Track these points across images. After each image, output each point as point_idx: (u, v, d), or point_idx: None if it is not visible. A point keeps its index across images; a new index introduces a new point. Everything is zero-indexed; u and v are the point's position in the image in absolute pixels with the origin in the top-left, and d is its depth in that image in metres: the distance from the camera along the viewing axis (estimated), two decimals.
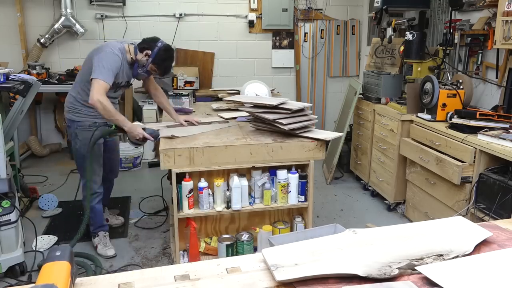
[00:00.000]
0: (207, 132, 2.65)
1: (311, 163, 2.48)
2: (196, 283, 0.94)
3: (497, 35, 2.71)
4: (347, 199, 3.98)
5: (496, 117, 2.77)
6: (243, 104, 2.66)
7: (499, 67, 3.14)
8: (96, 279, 0.96)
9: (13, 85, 2.87)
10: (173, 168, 2.34)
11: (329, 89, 5.70)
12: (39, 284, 0.79)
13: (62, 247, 0.92)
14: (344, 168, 4.62)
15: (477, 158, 2.63)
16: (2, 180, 2.52)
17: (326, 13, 5.42)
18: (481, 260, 1.00)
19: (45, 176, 4.31)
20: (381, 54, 4.34)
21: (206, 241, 2.63)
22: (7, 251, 2.52)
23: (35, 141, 4.91)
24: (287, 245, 1.07)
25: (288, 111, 2.42)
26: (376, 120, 3.86)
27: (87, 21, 4.93)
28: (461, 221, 1.19)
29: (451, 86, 3.13)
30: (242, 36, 5.32)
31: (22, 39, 4.79)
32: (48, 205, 3.48)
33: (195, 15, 5.16)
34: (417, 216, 3.33)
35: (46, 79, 4.57)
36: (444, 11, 3.82)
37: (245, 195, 2.49)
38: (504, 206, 2.40)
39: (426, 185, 3.14)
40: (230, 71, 5.37)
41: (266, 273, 0.97)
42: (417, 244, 1.06)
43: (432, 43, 3.96)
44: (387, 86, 3.86)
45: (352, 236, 1.12)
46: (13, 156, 3.31)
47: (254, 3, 5.20)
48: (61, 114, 5.15)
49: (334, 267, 0.95)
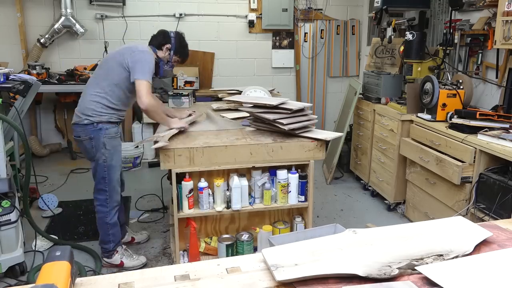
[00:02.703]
0: (207, 132, 2.64)
1: (311, 163, 2.48)
2: (196, 283, 0.94)
3: (497, 35, 2.71)
4: (347, 199, 3.98)
5: (496, 117, 2.77)
6: (242, 104, 2.66)
7: (499, 67, 3.14)
8: (96, 279, 0.96)
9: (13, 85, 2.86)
10: (173, 168, 2.34)
11: (329, 89, 5.70)
12: (39, 284, 0.79)
13: (62, 247, 0.91)
14: (344, 168, 4.62)
15: (477, 158, 2.63)
16: (2, 180, 2.52)
17: (326, 13, 5.42)
18: (481, 260, 1.00)
19: (45, 176, 4.31)
20: (381, 54, 4.34)
21: (206, 241, 2.63)
22: (7, 251, 2.52)
23: (35, 141, 4.91)
24: (287, 245, 1.07)
25: (288, 111, 2.42)
26: (376, 120, 3.86)
27: (87, 21, 4.93)
28: (461, 221, 1.19)
29: (451, 86, 3.13)
30: (242, 36, 5.33)
31: (22, 39, 4.79)
32: (48, 205, 3.48)
33: (195, 15, 5.16)
34: (417, 216, 3.33)
35: (46, 79, 4.57)
36: (444, 11, 3.82)
37: (245, 195, 2.49)
38: (504, 206, 2.40)
39: (426, 185, 3.14)
40: (230, 71, 5.37)
41: (266, 273, 0.97)
42: (417, 244, 1.06)
43: (432, 43, 3.96)
44: (387, 86, 3.86)
45: (352, 236, 1.12)
46: (13, 156, 3.30)
47: (254, 3, 5.21)
48: (61, 114, 5.16)
49: (334, 267, 0.95)
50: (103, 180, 2.62)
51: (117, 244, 2.74)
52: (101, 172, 2.61)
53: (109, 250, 2.72)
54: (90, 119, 2.54)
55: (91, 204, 3.69)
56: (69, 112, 5.13)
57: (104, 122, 2.56)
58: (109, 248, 2.71)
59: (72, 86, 4.54)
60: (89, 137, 2.56)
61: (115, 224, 2.69)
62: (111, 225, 2.67)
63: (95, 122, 2.54)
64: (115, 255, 2.74)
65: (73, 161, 4.91)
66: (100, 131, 2.55)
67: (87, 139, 2.57)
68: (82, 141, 2.59)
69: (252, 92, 3.43)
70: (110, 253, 2.73)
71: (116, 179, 2.66)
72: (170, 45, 2.71)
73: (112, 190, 2.65)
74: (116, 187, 2.68)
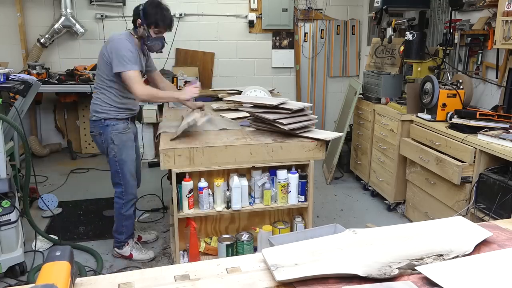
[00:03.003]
0: (207, 132, 2.64)
1: (311, 163, 2.48)
2: (196, 283, 0.94)
3: (497, 35, 2.71)
4: (347, 199, 3.98)
5: (496, 117, 2.77)
6: (242, 104, 2.66)
7: (499, 67, 3.14)
8: (96, 279, 0.96)
9: (13, 85, 2.86)
10: (173, 168, 2.34)
11: (329, 89, 5.70)
12: (39, 284, 0.79)
13: (62, 247, 0.91)
14: (344, 168, 4.62)
15: (477, 158, 2.63)
16: (2, 180, 2.52)
17: (326, 13, 5.42)
18: (481, 260, 1.00)
19: (45, 176, 4.31)
20: (381, 54, 4.34)
21: (206, 241, 2.63)
22: (7, 251, 2.52)
23: (35, 141, 4.92)
24: (287, 245, 1.07)
25: (288, 111, 2.42)
26: (376, 120, 3.86)
27: (87, 21, 4.93)
28: (461, 221, 1.19)
29: (451, 86, 3.13)
30: (242, 36, 5.33)
31: (22, 39, 4.79)
32: (48, 205, 3.48)
33: (195, 15, 5.16)
34: (417, 216, 3.33)
35: (46, 79, 4.56)
36: (444, 11, 3.82)
37: (245, 195, 2.49)
38: (504, 206, 2.40)
39: (426, 185, 3.14)
40: (230, 71, 5.37)
41: (266, 273, 0.97)
42: (417, 244, 1.06)
43: (432, 43, 3.96)
44: (387, 86, 3.86)
45: (352, 236, 1.12)
46: (13, 156, 3.30)
47: (254, 3, 5.21)
48: (61, 114, 5.16)
49: (334, 267, 0.95)
50: (117, 174, 2.71)
51: (129, 237, 2.83)
52: (113, 166, 2.70)
53: (121, 241, 2.82)
54: (97, 115, 2.61)
55: (91, 204, 3.71)
56: (69, 112, 5.13)
57: (111, 118, 2.61)
58: (121, 239, 2.81)
59: (72, 86, 4.54)
60: (99, 132, 2.65)
61: (129, 216, 2.78)
62: (126, 216, 2.76)
63: (102, 118, 2.61)
64: (125, 247, 2.83)
65: (73, 161, 4.91)
66: (107, 127, 2.61)
67: (97, 134, 2.66)
68: (95, 136, 2.69)
69: (252, 92, 3.43)
70: (121, 244, 2.83)
71: (130, 173, 2.73)
72: (140, 19, 2.54)
73: (127, 184, 2.72)
74: (131, 181, 2.74)
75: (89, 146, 5.15)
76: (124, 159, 2.67)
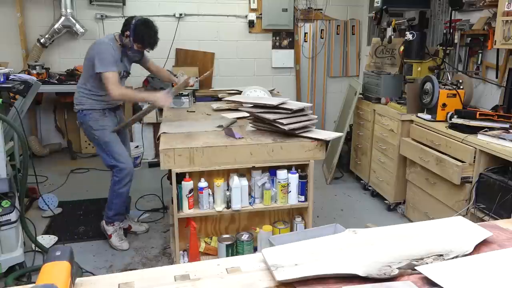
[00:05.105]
0: (207, 132, 2.64)
1: (311, 163, 2.48)
2: (196, 283, 0.94)
3: (497, 35, 2.71)
4: (347, 199, 3.98)
5: (496, 117, 2.77)
6: (242, 104, 2.66)
7: (499, 67, 3.14)
8: (96, 279, 0.96)
9: (13, 85, 2.86)
10: (173, 168, 2.34)
11: (329, 89, 5.70)
12: (39, 284, 0.79)
13: (62, 247, 0.91)
14: (344, 168, 4.62)
15: (477, 158, 2.63)
16: (2, 180, 2.51)
17: (326, 13, 5.42)
18: (481, 260, 1.00)
19: (45, 176, 4.31)
20: (381, 54, 4.34)
21: (206, 241, 2.63)
22: (7, 251, 2.52)
23: (35, 141, 4.91)
24: (287, 245, 1.07)
25: (288, 111, 2.42)
26: (376, 120, 3.86)
27: (87, 21, 4.93)
28: (461, 221, 1.19)
29: (451, 86, 3.12)
30: (242, 36, 5.32)
31: (22, 39, 4.79)
32: (48, 205, 3.48)
33: (195, 15, 5.16)
34: (417, 216, 3.33)
35: (46, 79, 4.56)
36: (444, 11, 3.82)
37: (245, 195, 2.49)
38: (504, 206, 2.40)
39: (426, 185, 3.14)
40: (230, 71, 5.37)
41: (266, 273, 0.97)
42: (417, 244, 1.06)
43: (432, 43, 3.96)
44: (387, 86, 3.86)
45: (352, 236, 1.12)
46: (13, 156, 3.30)
47: (254, 3, 5.20)
48: (61, 114, 5.16)
49: (334, 267, 0.95)
50: (107, 156, 2.89)
51: (117, 216, 2.97)
52: (99, 150, 2.93)
53: (108, 217, 2.96)
54: (76, 107, 2.92)
55: (91, 204, 3.71)
56: (69, 112, 5.12)
57: (88, 109, 2.88)
58: (109, 214, 2.95)
59: (72, 86, 4.51)
60: (80, 122, 2.97)
61: (120, 195, 2.89)
62: (117, 194, 2.89)
63: (80, 109, 2.90)
64: (110, 226, 2.97)
65: (73, 161, 4.91)
66: (85, 116, 2.89)
67: (81, 123, 2.97)
68: (81, 124, 2.98)
69: (252, 92, 3.43)
70: (108, 221, 2.97)
71: (118, 152, 2.87)
72: (129, 32, 2.81)
73: (117, 162, 2.86)
74: (121, 158, 2.87)
75: (89, 146, 5.14)
76: (107, 140, 2.87)
